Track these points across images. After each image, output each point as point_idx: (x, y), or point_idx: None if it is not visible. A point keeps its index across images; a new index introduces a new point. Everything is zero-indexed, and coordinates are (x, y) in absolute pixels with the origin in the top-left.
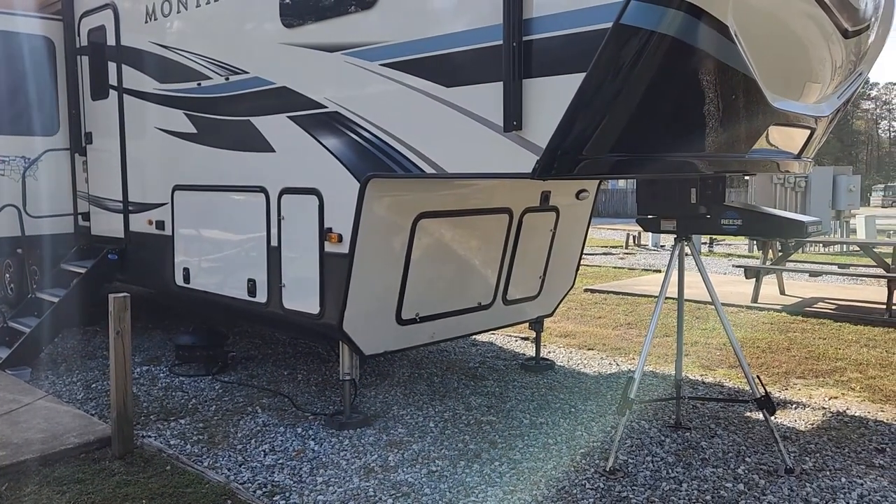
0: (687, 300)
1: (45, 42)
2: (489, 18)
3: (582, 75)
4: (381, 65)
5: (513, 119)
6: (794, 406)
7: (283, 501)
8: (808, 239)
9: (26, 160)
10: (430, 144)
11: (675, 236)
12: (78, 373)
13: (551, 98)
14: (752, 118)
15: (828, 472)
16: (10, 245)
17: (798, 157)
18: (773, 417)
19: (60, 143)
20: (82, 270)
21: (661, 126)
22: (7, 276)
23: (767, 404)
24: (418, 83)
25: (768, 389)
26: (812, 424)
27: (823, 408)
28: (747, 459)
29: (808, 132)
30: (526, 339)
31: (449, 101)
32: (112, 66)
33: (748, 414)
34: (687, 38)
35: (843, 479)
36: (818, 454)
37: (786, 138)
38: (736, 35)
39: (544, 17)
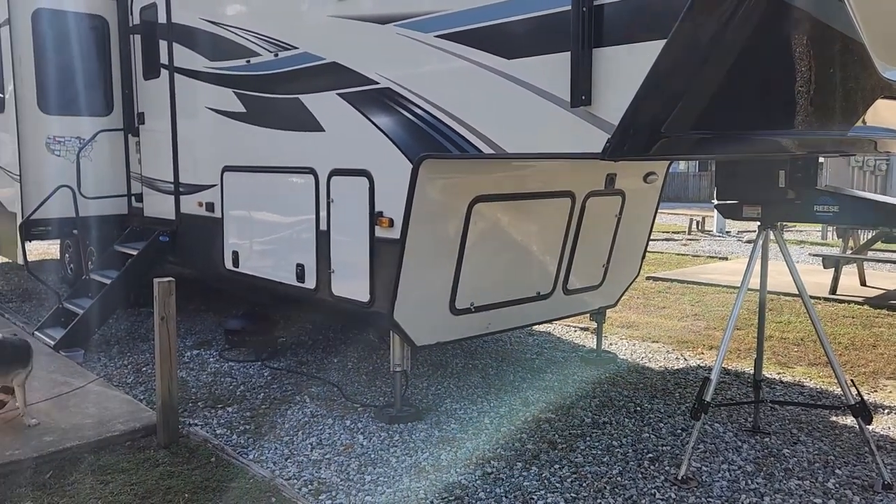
0: (754, 290)
1: (100, 21)
2: None
3: (661, 42)
4: (436, 36)
5: (581, 93)
6: (885, 411)
7: (329, 501)
8: None
9: (81, 140)
10: (488, 122)
11: (760, 224)
12: (129, 355)
13: (625, 69)
14: (859, 90)
15: None
16: (67, 226)
17: None
18: (868, 426)
19: (114, 124)
20: (134, 252)
21: (754, 100)
22: (67, 256)
23: (863, 412)
24: (476, 55)
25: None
26: None
27: None
28: (837, 472)
29: None
30: (585, 329)
31: (510, 75)
32: (163, 45)
33: (834, 418)
34: None
35: None
36: None
37: (893, 113)
38: None
39: None
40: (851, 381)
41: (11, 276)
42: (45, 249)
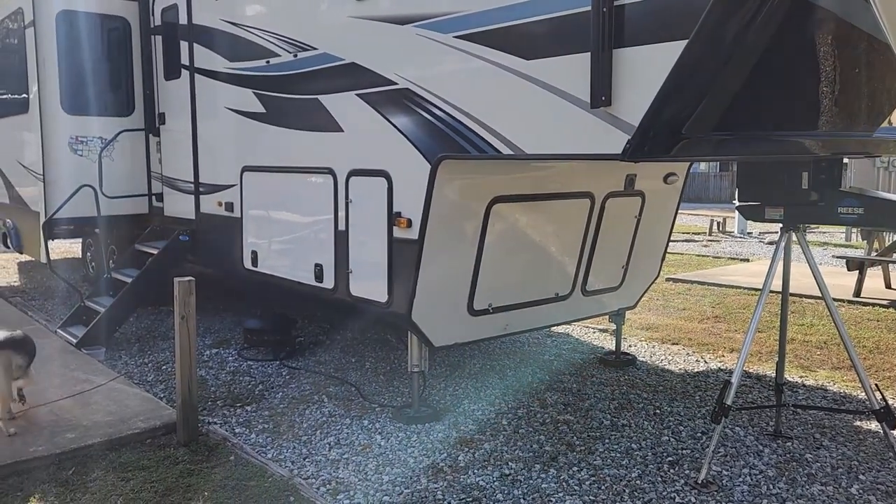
0: (776, 292)
1: (121, 22)
2: None
3: (683, 43)
4: (455, 37)
5: (601, 94)
6: None
7: (347, 501)
8: None
9: (103, 140)
10: (507, 123)
11: (782, 226)
12: (150, 353)
13: (646, 70)
14: (885, 91)
15: None
16: (88, 225)
17: None
18: (893, 431)
19: (135, 124)
20: (155, 251)
21: (777, 100)
22: (88, 254)
23: (888, 416)
24: (495, 56)
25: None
26: None
27: None
28: (861, 477)
29: None
30: (604, 331)
31: (529, 76)
32: (184, 46)
33: (857, 423)
34: None
35: None
36: None
37: None
38: None
39: None
40: (876, 385)
41: (34, 274)
42: (67, 248)
